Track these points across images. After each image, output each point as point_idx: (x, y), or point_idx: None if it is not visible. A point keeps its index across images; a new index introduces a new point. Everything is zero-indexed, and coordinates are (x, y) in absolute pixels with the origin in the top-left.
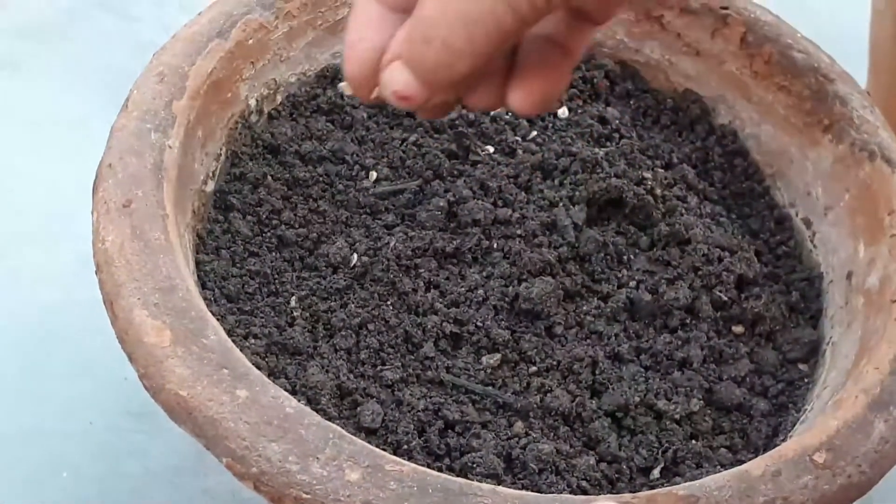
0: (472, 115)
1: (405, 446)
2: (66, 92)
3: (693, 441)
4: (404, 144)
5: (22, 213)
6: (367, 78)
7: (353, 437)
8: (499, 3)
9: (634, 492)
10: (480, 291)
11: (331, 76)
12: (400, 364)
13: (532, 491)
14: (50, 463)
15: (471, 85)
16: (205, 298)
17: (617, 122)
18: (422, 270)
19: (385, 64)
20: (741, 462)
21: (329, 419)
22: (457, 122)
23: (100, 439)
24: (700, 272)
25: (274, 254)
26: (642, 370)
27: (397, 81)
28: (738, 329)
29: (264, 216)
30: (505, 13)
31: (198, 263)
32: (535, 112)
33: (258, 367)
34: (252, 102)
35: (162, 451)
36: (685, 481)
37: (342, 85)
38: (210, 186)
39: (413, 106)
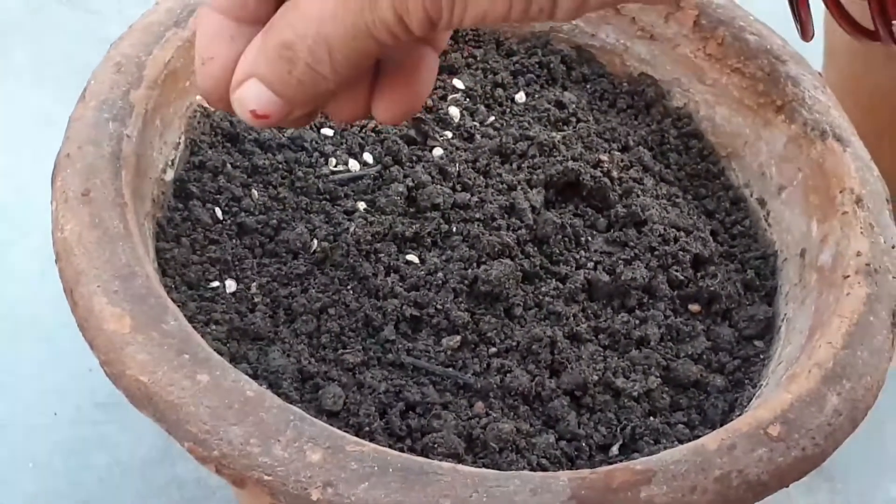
0: (430, 102)
1: (367, 428)
2: (28, 87)
3: (651, 418)
4: (363, 131)
5: None
6: (223, 94)
7: (314, 419)
8: (360, 32)
9: (594, 468)
10: (440, 275)
11: None
12: (361, 347)
13: (493, 469)
14: (16, 455)
15: (334, 97)
16: (165, 286)
17: (574, 106)
18: (381, 255)
19: (237, 83)
20: (698, 437)
21: (291, 403)
22: None
23: (66, 431)
24: (657, 252)
25: (234, 241)
26: (600, 349)
27: (254, 100)
28: (695, 307)
29: (224, 204)
30: (367, 41)
31: (158, 251)
32: (399, 122)
33: (220, 353)
34: None
35: (130, 442)
36: (643, 457)
37: (199, 98)
38: (169, 175)
39: (270, 124)
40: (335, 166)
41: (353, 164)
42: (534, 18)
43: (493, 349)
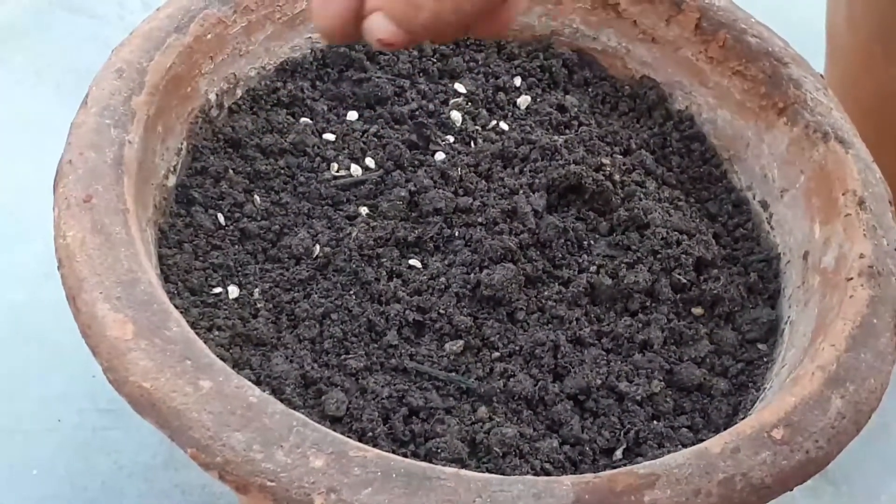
0: (431, 106)
1: (370, 433)
2: (31, 92)
3: (655, 422)
4: (365, 136)
5: None
6: (341, 28)
7: (317, 425)
8: None
9: (597, 473)
10: (442, 279)
11: (290, 69)
12: (364, 352)
13: (496, 474)
14: (20, 460)
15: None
16: (168, 292)
17: (575, 109)
18: (384, 260)
19: (369, 10)
20: (702, 441)
21: (294, 408)
22: (416, 112)
23: (70, 436)
24: (659, 256)
25: (237, 246)
26: (604, 353)
27: (382, 31)
28: (698, 311)
29: (226, 209)
30: None
31: (160, 257)
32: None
33: (222, 359)
34: (212, 97)
35: (133, 447)
36: (647, 461)
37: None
38: (171, 181)
39: (394, 48)
40: (337, 171)
41: (356, 169)
42: None
43: (496, 354)
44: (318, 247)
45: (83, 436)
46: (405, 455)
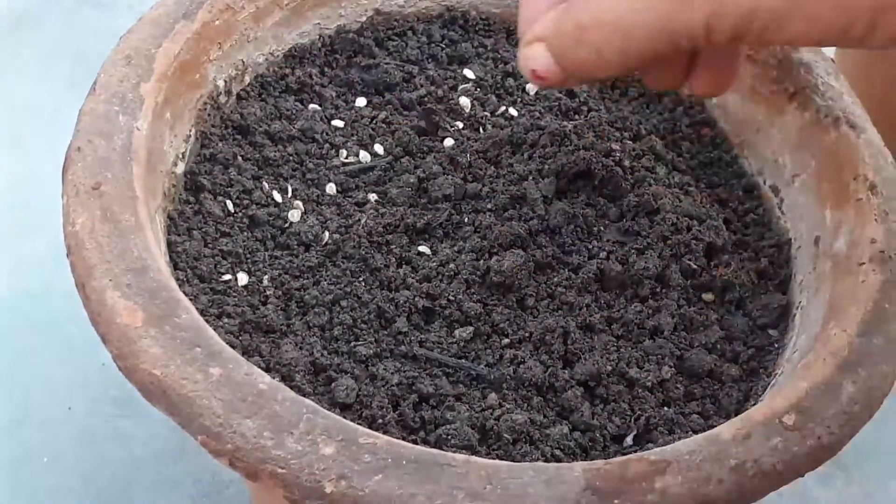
0: (440, 92)
1: (380, 420)
2: (40, 81)
3: (665, 408)
4: (374, 122)
5: None
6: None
7: (327, 412)
8: (661, 34)
9: (608, 459)
10: (452, 266)
11: (299, 56)
12: (373, 339)
13: (506, 461)
14: (31, 449)
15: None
16: (177, 279)
17: (585, 94)
18: (393, 246)
19: (527, 41)
20: (713, 427)
21: (304, 395)
22: (425, 99)
23: (81, 425)
24: (669, 241)
25: (246, 233)
26: (614, 339)
27: (537, 62)
28: (708, 297)
29: (235, 196)
30: (663, 40)
31: (169, 245)
32: (714, 95)
33: (232, 346)
34: (220, 83)
35: (144, 436)
36: (658, 448)
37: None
38: (180, 168)
39: (544, 86)
40: (346, 158)
41: (364, 156)
42: (849, 44)
43: (506, 340)
44: (327, 233)
45: (94, 424)
46: (415, 442)
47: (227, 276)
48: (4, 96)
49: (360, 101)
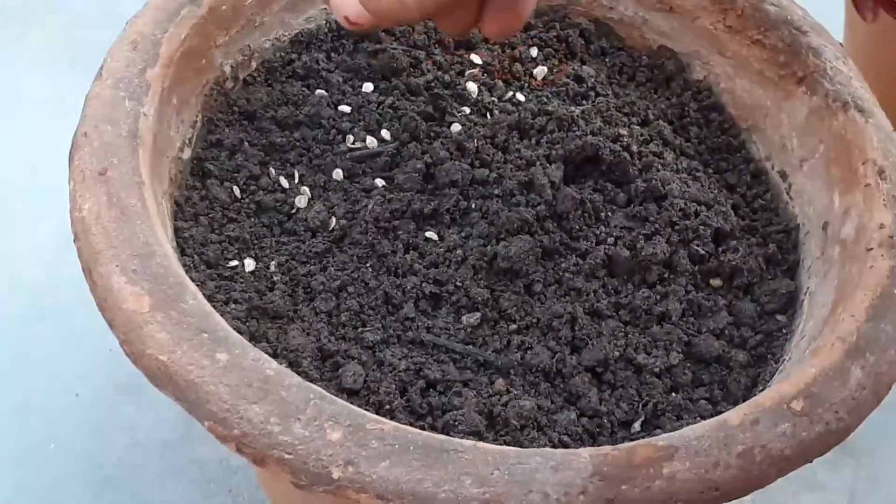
0: (447, 78)
1: (387, 406)
2: (45, 68)
3: (673, 394)
4: (381, 107)
5: (3, 193)
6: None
7: (334, 398)
8: None
9: (616, 445)
10: (459, 252)
11: (305, 41)
12: (380, 325)
13: (514, 447)
14: (38, 436)
15: (438, 13)
16: (184, 265)
17: (593, 80)
18: (400, 232)
19: None
20: (721, 413)
21: (311, 381)
22: (432, 84)
23: (87, 412)
24: (677, 227)
25: (252, 219)
26: (621, 325)
27: (349, 10)
28: (716, 282)
29: (242, 182)
30: None
31: (176, 230)
32: (503, 38)
33: (239, 332)
34: (227, 69)
35: (150, 422)
36: (666, 433)
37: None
38: (187, 153)
39: (361, 32)
40: (353, 143)
41: (371, 141)
42: None
43: (514, 326)
44: (334, 219)
45: (100, 411)
46: (422, 428)
47: (234, 262)
48: (10, 82)
49: (367, 87)
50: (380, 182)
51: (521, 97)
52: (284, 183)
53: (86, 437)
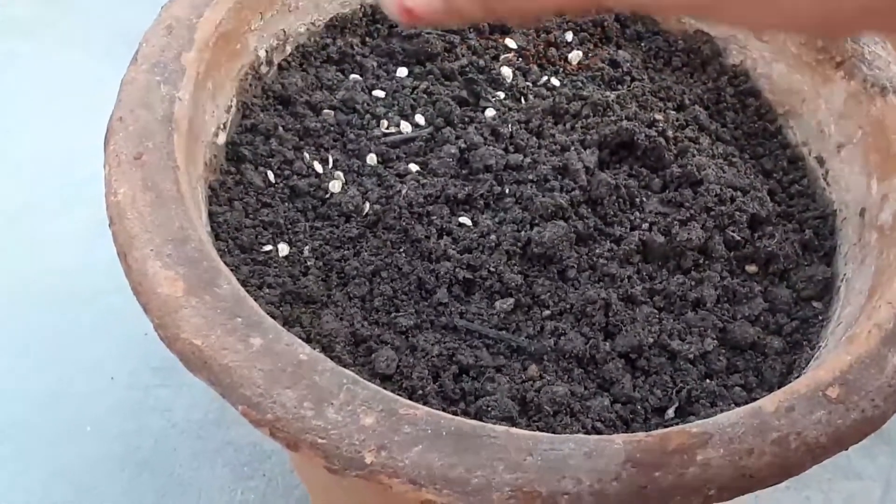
0: (482, 62)
1: (420, 391)
2: (81, 54)
3: (707, 380)
4: (415, 92)
5: (39, 179)
6: None
7: (367, 383)
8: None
9: (649, 431)
10: (493, 237)
11: (340, 25)
12: (413, 310)
13: (547, 433)
14: (74, 419)
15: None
16: (218, 249)
17: (628, 64)
18: (434, 217)
19: None
20: (756, 400)
21: (344, 366)
22: (467, 69)
23: (123, 395)
24: (713, 213)
25: (287, 204)
26: (656, 311)
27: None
28: (752, 268)
29: (276, 167)
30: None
31: (211, 215)
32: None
33: (273, 317)
34: (262, 53)
35: (185, 405)
36: (700, 420)
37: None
38: (221, 138)
39: (417, 24)
40: (387, 128)
41: (405, 126)
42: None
43: (547, 312)
44: (367, 204)
45: (135, 395)
46: (455, 413)
47: (268, 247)
48: (45, 67)
49: (402, 71)
50: (414, 167)
51: (555, 82)
52: (318, 168)
53: (122, 419)
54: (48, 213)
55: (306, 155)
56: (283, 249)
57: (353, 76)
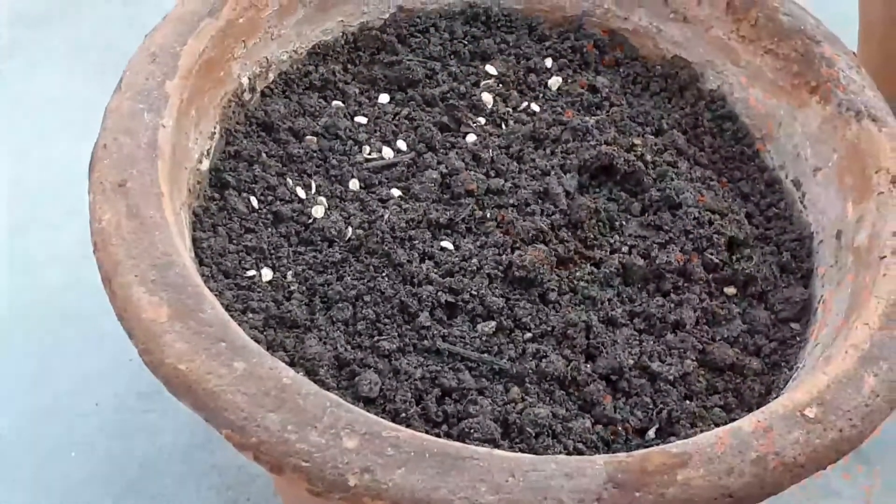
0: (462, 88)
1: (403, 414)
2: (69, 76)
3: (687, 401)
4: (397, 118)
5: (28, 197)
6: None
7: (351, 405)
8: None
9: (630, 452)
10: (474, 261)
11: (322, 53)
12: (396, 334)
13: (529, 454)
14: (60, 442)
15: None
16: (202, 275)
17: (607, 90)
18: (416, 241)
19: None
20: (735, 420)
21: (328, 390)
22: (448, 95)
23: (109, 418)
24: (691, 235)
25: (270, 229)
26: (636, 333)
27: None
28: (731, 290)
29: (259, 193)
30: None
31: (195, 241)
32: None
33: (256, 341)
34: (245, 81)
35: (171, 429)
36: (680, 440)
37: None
38: (205, 164)
39: None
40: (369, 154)
41: (387, 152)
42: None
43: (529, 334)
44: (350, 229)
45: (122, 418)
46: (438, 435)
47: (252, 272)
48: (33, 89)
49: (383, 98)
50: (396, 192)
51: (535, 108)
52: (301, 193)
53: (108, 442)
54: (37, 232)
55: (289, 181)
56: (267, 274)
57: (335, 103)
